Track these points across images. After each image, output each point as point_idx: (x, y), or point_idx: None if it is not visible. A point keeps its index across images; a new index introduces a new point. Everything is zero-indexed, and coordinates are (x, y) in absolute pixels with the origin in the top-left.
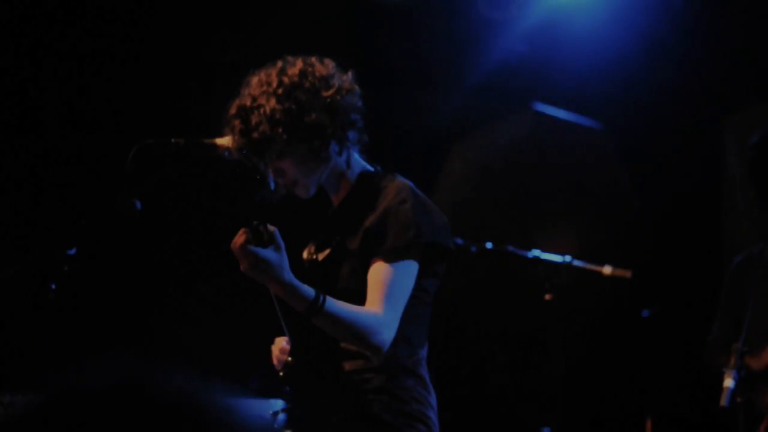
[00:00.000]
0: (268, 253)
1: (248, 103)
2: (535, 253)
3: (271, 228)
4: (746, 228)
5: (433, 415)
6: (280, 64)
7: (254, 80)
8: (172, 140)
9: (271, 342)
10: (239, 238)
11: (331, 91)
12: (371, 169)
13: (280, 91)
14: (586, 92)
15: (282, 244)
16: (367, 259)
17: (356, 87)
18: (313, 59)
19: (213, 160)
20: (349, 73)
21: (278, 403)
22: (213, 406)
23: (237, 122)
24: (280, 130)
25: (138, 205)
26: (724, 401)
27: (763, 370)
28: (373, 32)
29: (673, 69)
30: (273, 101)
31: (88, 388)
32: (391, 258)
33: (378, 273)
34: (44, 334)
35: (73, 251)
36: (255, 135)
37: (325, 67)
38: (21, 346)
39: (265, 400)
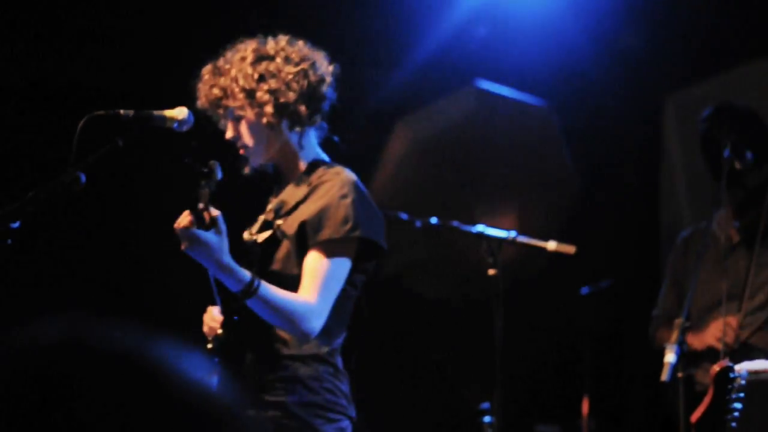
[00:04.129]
0: (209, 236)
1: (221, 63)
2: (480, 228)
3: (215, 212)
4: (684, 206)
5: (344, 401)
6: (260, 38)
7: (234, 48)
8: (122, 112)
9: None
10: (183, 220)
11: (296, 69)
12: (324, 158)
13: (251, 58)
14: (528, 70)
15: (224, 228)
16: (304, 247)
17: (328, 77)
18: (299, 41)
19: (163, 132)
20: (326, 63)
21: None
22: (158, 359)
23: (207, 77)
24: (237, 90)
25: (83, 177)
26: (665, 376)
27: (704, 349)
28: (315, 8)
29: (616, 47)
30: (241, 66)
31: (23, 347)
32: (327, 249)
33: (313, 262)
34: None
35: (17, 225)
36: (215, 90)
37: (301, 49)
38: None
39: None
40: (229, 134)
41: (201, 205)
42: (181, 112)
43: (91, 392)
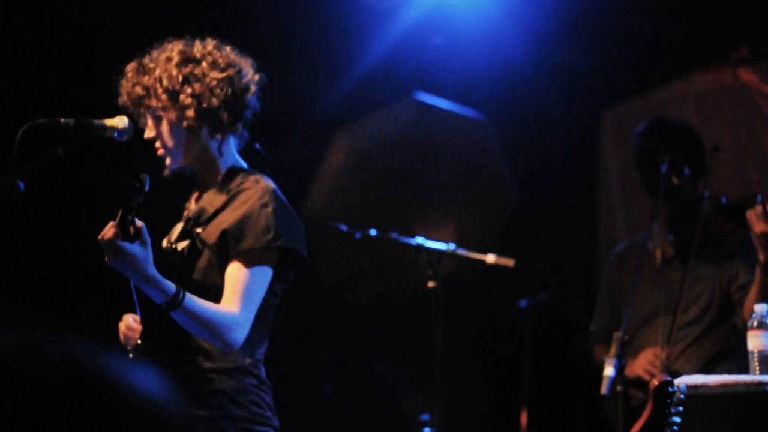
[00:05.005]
0: (134, 248)
1: (146, 62)
2: (419, 240)
3: (139, 223)
4: (620, 219)
5: (269, 413)
6: (188, 39)
7: (161, 47)
8: (62, 120)
9: None
10: (107, 231)
11: (222, 75)
12: (243, 165)
13: (176, 59)
14: (468, 83)
15: (148, 239)
16: (225, 256)
17: (254, 86)
18: (226, 47)
19: (103, 141)
20: (252, 71)
21: None
22: (110, 370)
23: (131, 74)
24: (161, 90)
25: (21, 186)
26: (604, 389)
27: (633, 378)
28: (255, 17)
29: (555, 62)
30: (167, 66)
31: None
32: (249, 259)
33: (235, 272)
34: None
35: None
36: (138, 89)
37: (228, 55)
38: None
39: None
40: (149, 134)
41: (129, 217)
42: (121, 121)
43: (42, 401)
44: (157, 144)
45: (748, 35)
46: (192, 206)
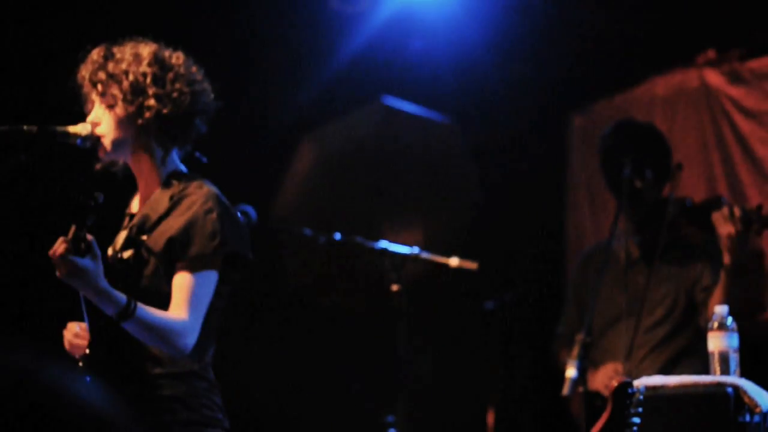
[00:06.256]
0: (85, 262)
1: (115, 50)
2: (383, 244)
3: (89, 237)
4: (587, 222)
5: (220, 415)
6: (161, 44)
7: (131, 42)
8: (25, 127)
9: None
10: (59, 247)
11: (186, 89)
12: (183, 170)
13: (148, 59)
14: (436, 86)
15: (98, 252)
16: (172, 263)
17: (209, 112)
18: (194, 65)
19: (66, 148)
20: (211, 96)
21: None
22: (55, 381)
23: (97, 58)
24: (126, 83)
25: None
26: (566, 390)
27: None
28: (225, 23)
29: (523, 65)
30: (137, 62)
31: None
32: (195, 265)
33: (183, 279)
34: None
35: None
36: (101, 74)
37: (196, 73)
38: None
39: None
40: (94, 118)
41: (81, 233)
42: (84, 128)
43: None
44: (96, 129)
45: (713, 37)
46: (134, 212)
